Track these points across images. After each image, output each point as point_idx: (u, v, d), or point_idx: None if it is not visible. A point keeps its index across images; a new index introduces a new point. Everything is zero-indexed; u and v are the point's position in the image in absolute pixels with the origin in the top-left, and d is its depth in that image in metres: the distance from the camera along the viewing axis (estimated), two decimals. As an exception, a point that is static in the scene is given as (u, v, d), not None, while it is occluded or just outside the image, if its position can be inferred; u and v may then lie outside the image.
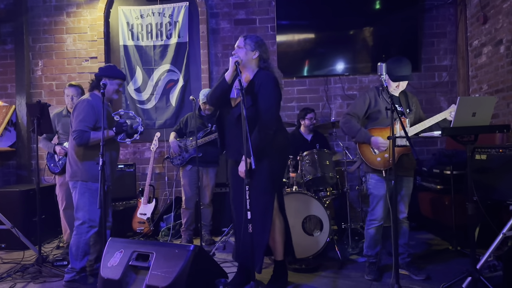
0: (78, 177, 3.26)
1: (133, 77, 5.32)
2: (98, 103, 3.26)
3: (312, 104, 5.19)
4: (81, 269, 3.22)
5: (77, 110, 3.25)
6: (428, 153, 5.10)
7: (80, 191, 3.24)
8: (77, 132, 3.17)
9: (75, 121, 3.22)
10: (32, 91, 5.45)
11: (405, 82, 3.22)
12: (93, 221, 3.24)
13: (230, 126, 2.97)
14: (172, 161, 4.48)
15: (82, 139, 3.16)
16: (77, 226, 3.24)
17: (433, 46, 5.20)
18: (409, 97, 3.34)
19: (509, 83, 4.11)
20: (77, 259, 3.21)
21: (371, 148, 3.19)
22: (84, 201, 3.24)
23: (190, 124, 4.45)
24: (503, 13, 4.16)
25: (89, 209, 3.23)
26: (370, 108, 3.24)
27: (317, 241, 3.65)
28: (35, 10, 5.44)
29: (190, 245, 2.64)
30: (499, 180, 3.25)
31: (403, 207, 3.28)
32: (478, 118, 2.74)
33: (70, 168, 3.33)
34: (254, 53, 2.90)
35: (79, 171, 3.26)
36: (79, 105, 3.26)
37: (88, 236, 3.23)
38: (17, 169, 5.39)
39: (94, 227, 3.24)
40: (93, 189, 3.23)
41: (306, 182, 3.95)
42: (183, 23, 5.26)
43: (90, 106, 3.24)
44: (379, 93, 3.26)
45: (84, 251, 3.23)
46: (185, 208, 4.39)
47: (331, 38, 5.18)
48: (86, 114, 3.21)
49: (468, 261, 2.99)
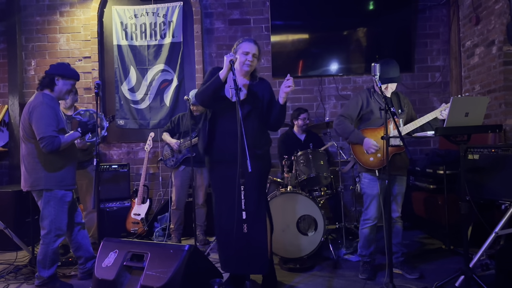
0: (41, 185, 3.09)
1: (127, 77, 5.30)
2: (53, 103, 3.12)
3: (307, 104, 5.20)
4: (49, 277, 3.14)
5: (36, 113, 3.02)
6: (421, 153, 5.13)
7: (45, 200, 3.11)
8: (47, 139, 2.98)
9: (39, 126, 3.00)
10: (25, 90, 5.41)
11: (394, 84, 3.25)
12: (60, 229, 3.15)
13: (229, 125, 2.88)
14: (166, 163, 4.45)
15: (54, 145, 3.00)
16: (43, 236, 3.13)
17: (426, 47, 5.24)
18: (401, 98, 3.38)
19: (501, 84, 4.15)
20: (44, 267, 3.13)
21: (364, 149, 3.22)
22: (50, 210, 3.11)
23: (182, 124, 4.44)
24: (495, 14, 4.20)
25: (55, 218, 3.12)
26: (363, 109, 3.28)
27: (311, 241, 3.66)
28: (28, 9, 5.40)
29: (185, 245, 2.63)
30: (492, 179, 3.29)
31: (395, 206, 3.30)
32: (471, 118, 2.77)
33: (28, 176, 3.13)
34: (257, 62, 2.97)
35: (42, 179, 3.09)
36: (37, 107, 3.04)
37: (55, 246, 3.15)
38: (9, 169, 5.34)
39: (61, 236, 3.17)
40: (58, 196, 3.12)
41: (300, 182, 3.96)
42: (177, 23, 5.25)
43: (49, 107, 3.06)
44: (371, 95, 3.30)
45: (52, 260, 3.14)
46: (175, 208, 4.39)
47: (325, 39, 5.20)
48: (48, 117, 3.03)
49: (461, 260, 3.03)
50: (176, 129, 4.47)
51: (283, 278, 3.31)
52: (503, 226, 3.02)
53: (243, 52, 2.86)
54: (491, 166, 3.33)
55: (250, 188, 2.74)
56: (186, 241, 4.53)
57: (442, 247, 4.02)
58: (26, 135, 3.12)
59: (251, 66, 2.88)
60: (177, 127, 4.47)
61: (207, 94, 2.84)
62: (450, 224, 3.85)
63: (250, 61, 2.86)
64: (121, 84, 5.29)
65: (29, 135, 3.11)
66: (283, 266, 3.59)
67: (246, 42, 2.89)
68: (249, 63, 2.86)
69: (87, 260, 3.38)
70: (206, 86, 2.85)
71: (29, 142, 3.13)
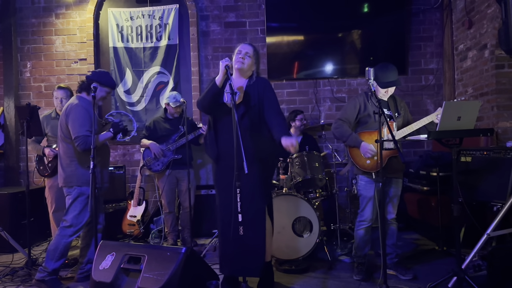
0: (73, 182, 3.27)
1: (123, 79, 5.31)
2: (88, 106, 3.29)
3: (302, 106, 5.24)
4: (53, 270, 3.22)
5: (72, 114, 3.24)
6: (415, 154, 5.19)
7: (74, 196, 3.27)
8: (81, 138, 3.18)
9: (74, 127, 3.21)
10: (21, 92, 5.41)
11: (393, 87, 3.30)
12: (79, 224, 3.27)
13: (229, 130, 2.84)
14: (151, 168, 4.39)
15: (87, 144, 3.17)
16: (62, 227, 3.26)
17: (420, 50, 5.29)
18: (398, 101, 3.42)
19: (493, 87, 4.21)
20: (52, 259, 3.22)
21: (361, 153, 3.26)
22: (76, 205, 3.27)
23: (159, 128, 4.43)
24: (487, 19, 4.26)
25: (78, 214, 3.26)
26: (360, 113, 3.32)
27: (306, 242, 3.69)
28: (24, 11, 5.41)
29: (182, 247, 2.66)
30: (484, 181, 3.34)
31: (391, 208, 3.35)
32: (463, 122, 2.81)
33: (63, 173, 3.32)
34: (254, 63, 2.98)
35: (74, 176, 3.27)
36: (73, 109, 3.26)
37: (70, 240, 3.26)
38: (5, 172, 5.34)
39: (78, 231, 3.29)
40: (87, 194, 3.24)
41: (296, 184, 4.00)
42: (173, 25, 5.27)
43: (84, 109, 3.25)
44: (368, 98, 3.34)
45: (61, 253, 3.24)
46: (168, 212, 4.42)
47: (320, 42, 5.23)
48: (83, 118, 3.23)
49: (454, 261, 3.07)
50: (154, 135, 4.44)
51: (279, 279, 3.35)
52: (494, 228, 3.06)
53: (237, 52, 2.95)
54: (483, 168, 3.39)
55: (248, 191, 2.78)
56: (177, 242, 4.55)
57: (435, 248, 4.07)
58: (63, 135, 3.32)
59: (242, 63, 2.90)
60: (154, 132, 4.45)
61: (207, 101, 2.91)
62: (443, 225, 3.90)
63: (241, 57, 2.90)
64: (117, 86, 5.30)
65: (66, 135, 3.30)
66: (278, 268, 3.62)
67: (241, 44, 2.99)
68: (241, 60, 2.90)
69: (89, 262, 3.40)
70: (205, 93, 2.93)
71: (66, 142, 3.32)
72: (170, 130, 4.39)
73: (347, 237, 4.32)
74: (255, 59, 2.98)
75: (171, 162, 4.31)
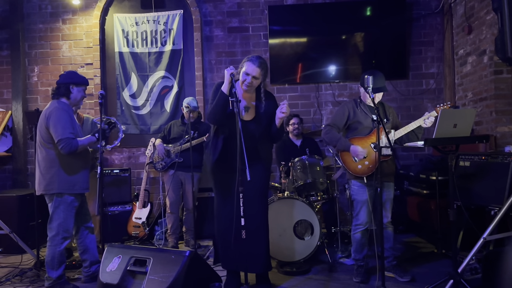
0: (54, 188, 3.24)
1: (128, 83, 5.41)
2: (69, 109, 3.28)
3: (304, 110, 5.32)
4: (57, 277, 3.29)
5: (53, 117, 3.19)
6: (415, 158, 5.25)
7: (55, 204, 3.27)
8: (64, 141, 3.14)
9: (56, 130, 3.16)
10: (28, 96, 5.52)
11: (380, 93, 3.38)
12: (67, 232, 3.30)
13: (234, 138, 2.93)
14: (155, 166, 4.59)
15: (72, 146, 3.15)
16: (51, 238, 3.29)
17: (420, 54, 5.36)
18: (386, 107, 3.52)
19: (492, 92, 4.27)
20: (52, 268, 3.28)
21: (352, 156, 3.35)
22: (59, 213, 3.27)
23: (173, 131, 4.60)
24: (486, 25, 4.33)
25: (63, 221, 3.27)
26: (350, 119, 3.42)
27: (308, 245, 3.78)
28: (31, 17, 5.52)
29: (186, 250, 2.76)
30: (482, 186, 3.40)
31: (385, 211, 3.41)
32: (459, 129, 2.87)
33: (43, 179, 3.27)
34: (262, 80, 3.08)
35: (55, 182, 3.24)
36: (54, 112, 3.20)
37: (62, 247, 3.29)
38: (13, 174, 5.45)
39: (67, 238, 3.32)
40: (68, 202, 3.27)
41: (297, 188, 4.07)
42: (178, 31, 5.36)
43: (65, 112, 3.23)
44: (357, 105, 3.43)
45: (59, 261, 3.29)
46: (170, 212, 4.51)
47: (322, 46, 5.30)
48: (65, 121, 3.19)
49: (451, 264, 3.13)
50: (168, 136, 4.64)
51: (280, 281, 3.43)
52: (491, 232, 3.12)
53: (245, 72, 2.99)
54: (481, 173, 3.45)
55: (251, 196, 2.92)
56: (182, 245, 4.64)
57: (434, 251, 4.13)
58: (43, 140, 3.27)
59: (249, 87, 3.02)
60: (168, 135, 4.64)
61: (218, 112, 2.97)
62: (442, 228, 3.97)
63: (249, 83, 3.00)
64: (122, 90, 5.40)
65: (45, 140, 3.26)
66: (279, 270, 3.70)
67: (250, 64, 2.98)
68: (248, 84, 3.00)
69: (91, 264, 3.50)
70: (214, 105, 2.98)
71: (45, 147, 3.27)
72: (182, 133, 4.50)
73: (347, 240, 4.38)
74: (263, 77, 3.05)
75: (175, 164, 4.40)
